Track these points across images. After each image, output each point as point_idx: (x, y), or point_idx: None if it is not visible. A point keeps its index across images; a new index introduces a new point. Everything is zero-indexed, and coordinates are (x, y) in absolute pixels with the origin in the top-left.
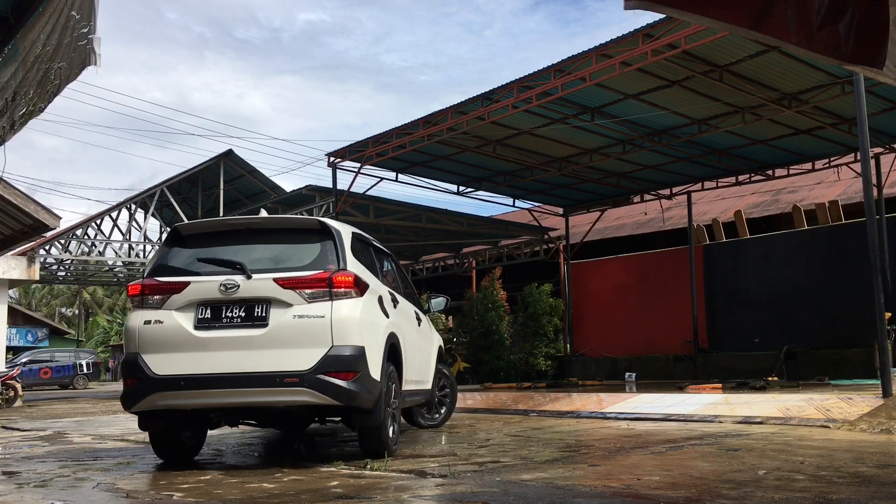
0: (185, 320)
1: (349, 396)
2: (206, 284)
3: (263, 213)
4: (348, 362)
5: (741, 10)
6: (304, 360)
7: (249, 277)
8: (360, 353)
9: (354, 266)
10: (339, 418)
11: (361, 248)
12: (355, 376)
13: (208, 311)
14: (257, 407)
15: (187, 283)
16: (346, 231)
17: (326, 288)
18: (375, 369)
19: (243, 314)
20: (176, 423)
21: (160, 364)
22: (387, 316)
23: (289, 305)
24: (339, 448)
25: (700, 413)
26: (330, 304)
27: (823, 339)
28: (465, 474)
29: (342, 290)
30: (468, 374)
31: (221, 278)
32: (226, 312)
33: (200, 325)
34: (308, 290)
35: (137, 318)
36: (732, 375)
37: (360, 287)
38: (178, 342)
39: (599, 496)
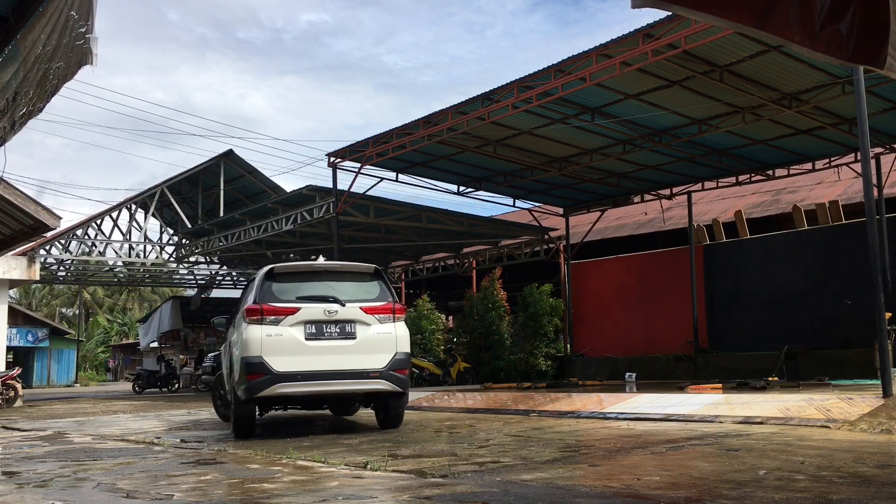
0: (299, 333)
1: (404, 385)
2: (314, 309)
3: (322, 260)
4: (405, 363)
5: (745, 8)
6: (380, 361)
7: (343, 305)
8: (409, 357)
9: (398, 299)
10: (370, 403)
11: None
12: (407, 372)
13: (313, 327)
14: (349, 394)
15: (299, 308)
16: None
17: (391, 314)
18: (410, 368)
19: (338, 330)
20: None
21: (280, 364)
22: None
23: (368, 325)
24: (339, 449)
25: (700, 413)
26: (394, 325)
27: (824, 339)
28: (465, 474)
29: (398, 315)
30: (468, 374)
31: (325, 305)
32: (326, 329)
33: (309, 337)
34: (380, 315)
35: (260, 331)
36: (733, 375)
37: (404, 313)
38: (293, 349)
39: (600, 496)
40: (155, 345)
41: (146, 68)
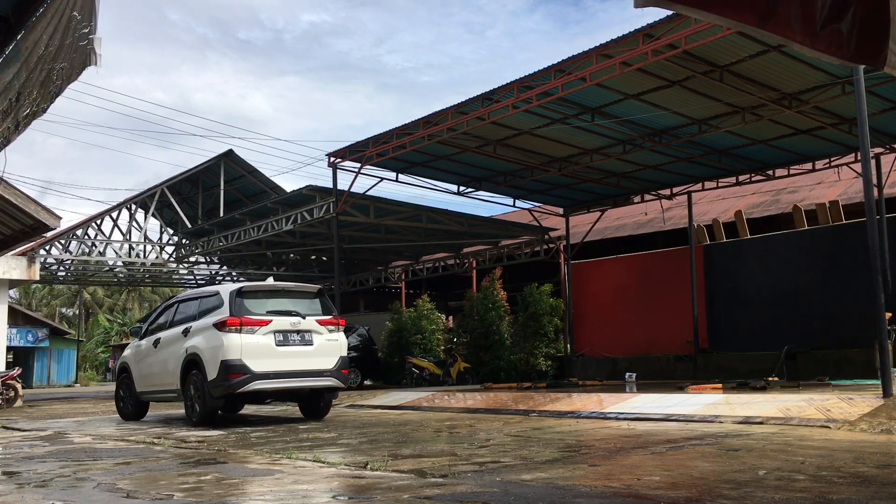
0: (270, 340)
1: (345, 381)
2: (282, 321)
3: (270, 280)
4: (346, 364)
5: (747, 8)
6: (330, 363)
7: (304, 318)
8: (348, 359)
9: (338, 313)
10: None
11: None
12: (348, 372)
13: (281, 335)
14: (308, 389)
15: (271, 320)
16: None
17: (336, 326)
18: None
19: (300, 338)
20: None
21: (257, 365)
22: None
23: (321, 334)
24: (339, 448)
25: (700, 413)
26: (339, 334)
27: (824, 339)
28: (465, 474)
29: (342, 327)
30: (468, 374)
31: (290, 318)
32: (290, 337)
33: (278, 343)
34: (329, 326)
35: (239, 339)
36: (733, 375)
37: (344, 324)
38: (267, 353)
39: (600, 496)
40: None
41: (147, 68)
